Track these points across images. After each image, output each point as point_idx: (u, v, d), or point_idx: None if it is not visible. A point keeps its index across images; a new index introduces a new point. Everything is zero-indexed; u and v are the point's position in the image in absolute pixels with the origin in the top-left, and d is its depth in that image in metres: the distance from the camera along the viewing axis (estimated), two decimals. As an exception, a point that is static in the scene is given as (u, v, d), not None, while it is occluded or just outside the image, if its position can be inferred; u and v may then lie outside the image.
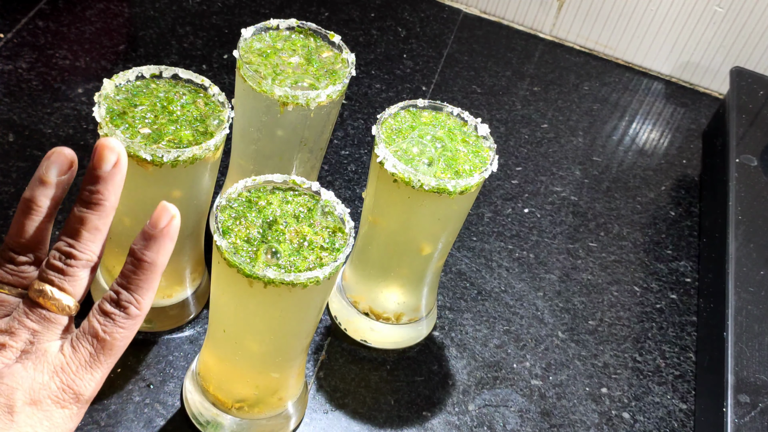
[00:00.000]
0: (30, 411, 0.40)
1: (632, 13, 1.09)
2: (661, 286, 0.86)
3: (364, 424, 0.68)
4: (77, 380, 0.41)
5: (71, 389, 0.41)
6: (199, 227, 0.66)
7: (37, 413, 0.40)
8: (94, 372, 0.42)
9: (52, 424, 0.41)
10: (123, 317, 0.42)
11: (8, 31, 0.92)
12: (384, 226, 0.66)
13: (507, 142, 0.97)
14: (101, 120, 0.57)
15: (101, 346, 0.42)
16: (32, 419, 0.40)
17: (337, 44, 0.69)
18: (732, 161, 0.88)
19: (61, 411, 0.41)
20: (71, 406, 0.41)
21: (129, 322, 0.43)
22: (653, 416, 0.74)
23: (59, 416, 0.41)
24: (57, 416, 0.41)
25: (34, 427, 0.40)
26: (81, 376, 0.41)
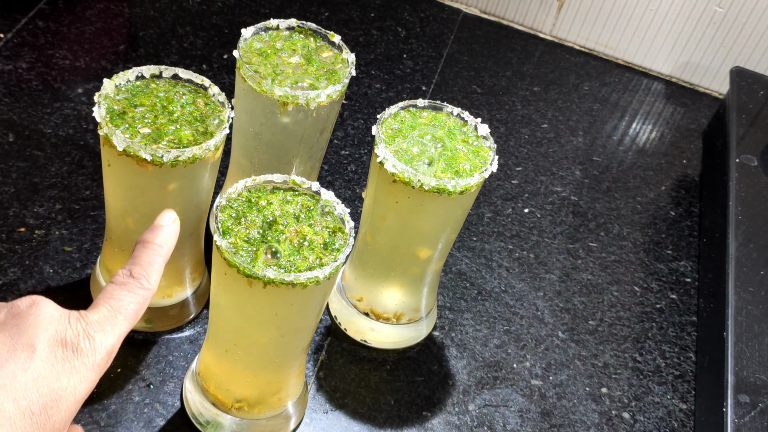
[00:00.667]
0: (51, 351, 0.41)
1: (632, 13, 1.09)
2: (661, 286, 0.86)
3: (364, 424, 0.68)
4: (98, 329, 0.43)
5: (92, 336, 0.42)
6: (199, 227, 0.66)
7: (58, 353, 0.41)
8: (113, 327, 0.43)
9: (72, 367, 0.41)
10: (137, 286, 0.45)
11: (8, 31, 0.92)
12: (384, 226, 0.66)
13: (507, 142, 0.97)
14: (101, 120, 0.57)
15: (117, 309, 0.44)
16: (52, 359, 0.40)
17: (337, 44, 0.69)
18: (732, 161, 0.88)
19: (83, 357, 0.42)
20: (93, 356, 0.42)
21: (141, 291, 0.45)
22: (653, 416, 0.74)
23: (80, 363, 0.41)
24: (78, 362, 0.41)
25: (54, 366, 0.40)
26: (101, 326, 0.43)
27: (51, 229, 0.74)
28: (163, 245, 0.48)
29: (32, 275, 0.70)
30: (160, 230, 0.48)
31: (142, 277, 0.46)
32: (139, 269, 0.46)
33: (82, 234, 0.74)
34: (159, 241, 0.48)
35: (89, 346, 0.42)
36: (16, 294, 0.68)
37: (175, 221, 0.49)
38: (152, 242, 0.48)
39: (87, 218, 0.76)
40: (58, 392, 0.40)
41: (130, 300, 0.45)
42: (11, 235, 0.73)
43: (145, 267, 0.46)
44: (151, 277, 0.46)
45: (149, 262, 0.47)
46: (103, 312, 0.44)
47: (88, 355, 0.42)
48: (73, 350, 0.41)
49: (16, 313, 0.42)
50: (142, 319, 0.68)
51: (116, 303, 0.44)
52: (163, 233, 0.48)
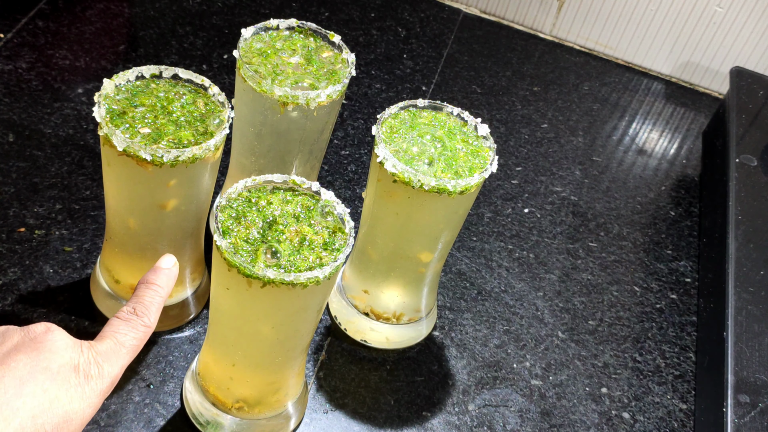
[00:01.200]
0: (66, 376, 0.44)
1: (632, 13, 1.09)
2: (661, 286, 0.86)
3: (364, 424, 0.68)
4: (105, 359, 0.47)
5: (101, 365, 0.46)
6: (199, 227, 0.66)
7: (72, 379, 0.45)
8: (117, 359, 0.48)
9: (83, 392, 0.45)
10: (139, 323, 0.50)
11: (8, 31, 0.92)
12: (384, 226, 0.66)
13: (507, 142, 0.97)
14: (101, 120, 0.57)
15: (121, 343, 0.49)
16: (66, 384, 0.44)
17: (337, 44, 0.69)
18: (732, 161, 0.88)
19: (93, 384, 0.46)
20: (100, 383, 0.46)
21: (142, 328, 0.50)
22: (653, 416, 0.74)
23: (90, 389, 0.45)
24: (88, 388, 0.45)
25: (68, 390, 0.44)
26: (108, 357, 0.47)
27: (51, 229, 0.74)
28: (164, 287, 0.53)
29: (32, 275, 0.70)
30: (161, 272, 0.53)
31: (144, 315, 0.50)
32: (142, 308, 0.51)
33: (82, 234, 0.74)
34: (160, 282, 0.53)
35: (98, 374, 0.46)
36: (16, 294, 0.69)
37: (175, 265, 0.54)
38: (154, 283, 0.52)
39: (87, 218, 0.76)
40: (69, 414, 0.44)
41: (133, 336, 0.49)
42: (11, 235, 0.73)
43: (147, 306, 0.51)
44: (151, 315, 0.51)
45: (150, 301, 0.51)
46: (109, 344, 0.48)
47: (97, 382, 0.46)
48: (85, 377, 0.45)
49: (32, 337, 0.45)
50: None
51: (121, 337, 0.49)
52: (164, 275, 0.53)
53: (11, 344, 0.45)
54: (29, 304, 0.68)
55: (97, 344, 0.47)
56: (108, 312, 0.69)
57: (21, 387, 0.42)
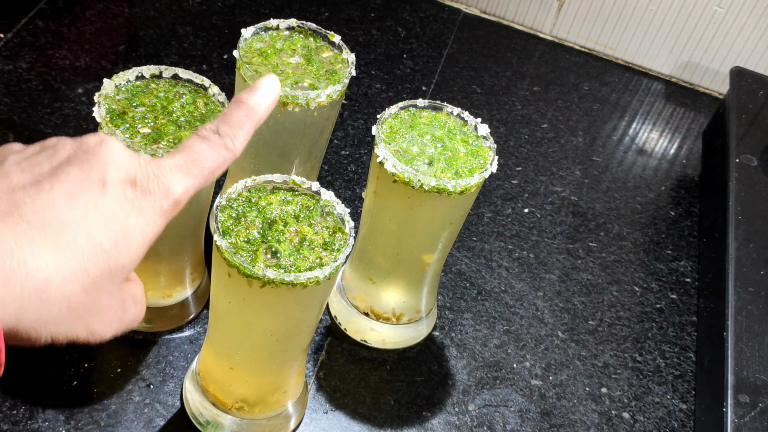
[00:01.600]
0: (122, 189, 0.40)
1: (632, 13, 1.09)
2: (661, 286, 0.86)
3: (364, 424, 0.68)
4: (169, 175, 0.41)
5: (162, 181, 0.41)
6: (199, 227, 0.66)
7: (128, 193, 0.40)
8: (184, 177, 0.42)
9: (140, 207, 0.40)
10: (220, 144, 0.43)
11: (8, 31, 0.92)
12: (384, 226, 0.66)
13: (507, 142, 0.97)
14: (101, 120, 0.57)
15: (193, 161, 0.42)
16: (122, 198, 0.40)
17: (337, 44, 0.69)
18: (732, 161, 0.88)
19: (151, 200, 0.41)
20: (161, 200, 0.41)
21: (223, 151, 0.43)
22: (653, 416, 0.74)
23: (148, 205, 0.40)
24: (146, 204, 0.40)
25: (124, 205, 0.40)
26: (173, 173, 0.41)
27: (51, 229, 0.74)
28: (258, 108, 0.45)
29: (32, 275, 0.70)
30: (259, 92, 0.45)
31: (228, 136, 0.43)
32: (227, 128, 0.43)
33: (82, 234, 0.74)
34: (254, 102, 0.45)
35: (158, 189, 0.41)
36: (16, 294, 0.68)
37: (277, 87, 0.46)
38: (247, 103, 0.45)
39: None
40: (127, 230, 0.40)
41: (209, 155, 0.43)
42: (11, 235, 0.72)
43: (233, 127, 0.44)
44: (237, 138, 0.43)
45: (239, 123, 0.44)
46: (178, 160, 0.42)
47: (156, 198, 0.41)
48: (143, 191, 0.40)
49: (85, 149, 0.41)
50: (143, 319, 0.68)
51: (194, 155, 0.42)
52: (261, 96, 0.45)
53: (62, 156, 0.40)
54: (29, 304, 0.68)
55: (162, 160, 0.41)
56: (108, 312, 0.69)
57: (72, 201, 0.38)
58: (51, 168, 0.40)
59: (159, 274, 0.66)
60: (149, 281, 0.67)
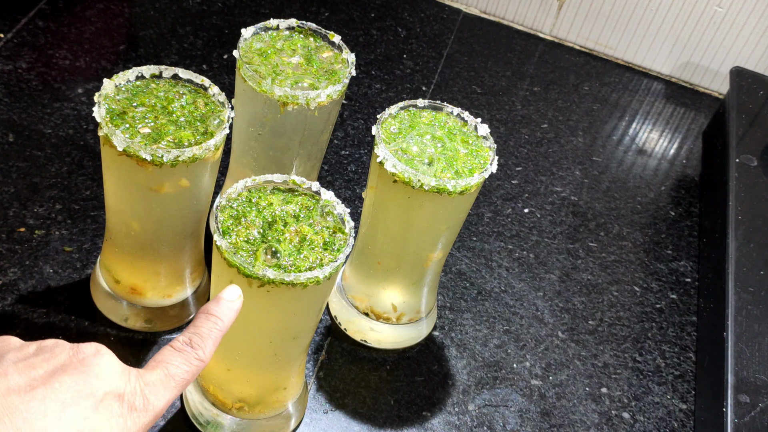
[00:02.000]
0: (109, 404, 0.42)
1: (632, 13, 1.09)
2: (661, 286, 0.86)
3: (364, 424, 0.68)
4: (153, 391, 0.45)
5: (147, 397, 0.44)
6: (199, 227, 0.66)
7: (115, 408, 0.43)
8: (165, 391, 0.45)
9: (124, 424, 0.43)
10: (193, 356, 0.47)
11: (8, 31, 0.92)
12: (384, 226, 0.66)
13: (507, 142, 0.97)
14: (101, 120, 0.57)
15: (172, 375, 0.46)
16: (109, 413, 0.42)
17: (337, 44, 0.69)
18: (732, 161, 0.88)
19: (135, 416, 0.43)
20: (142, 415, 0.44)
21: (195, 362, 0.47)
22: (653, 416, 0.74)
23: (132, 422, 0.43)
24: (130, 421, 0.43)
25: (110, 420, 0.42)
26: (156, 389, 0.45)
27: (51, 229, 0.74)
28: (224, 319, 0.49)
29: (32, 275, 0.70)
30: (223, 304, 0.50)
31: (199, 348, 0.48)
32: (198, 339, 0.48)
33: (82, 234, 0.74)
34: (220, 314, 0.49)
35: (143, 406, 0.44)
36: (16, 294, 0.69)
37: (239, 298, 0.51)
38: (214, 315, 0.49)
39: (87, 218, 0.76)
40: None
41: (185, 369, 0.46)
42: (11, 235, 0.73)
43: (203, 338, 0.48)
44: (207, 349, 0.48)
45: (208, 333, 0.48)
46: (159, 375, 0.45)
47: (140, 415, 0.44)
48: (129, 407, 0.43)
49: (81, 359, 0.44)
50: (142, 319, 0.68)
51: (173, 369, 0.46)
52: (226, 308, 0.50)
53: (58, 363, 0.43)
54: (29, 304, 0.68)
55: (146, 374, 0.45)
56: (108, 312, 0.69)
57: (62, 411, 0.41)
58: (46, 373, 0.42)
59: (159, 274, 0.66)
60: (149, 281, 0.67)
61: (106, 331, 0.68)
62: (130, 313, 0.68)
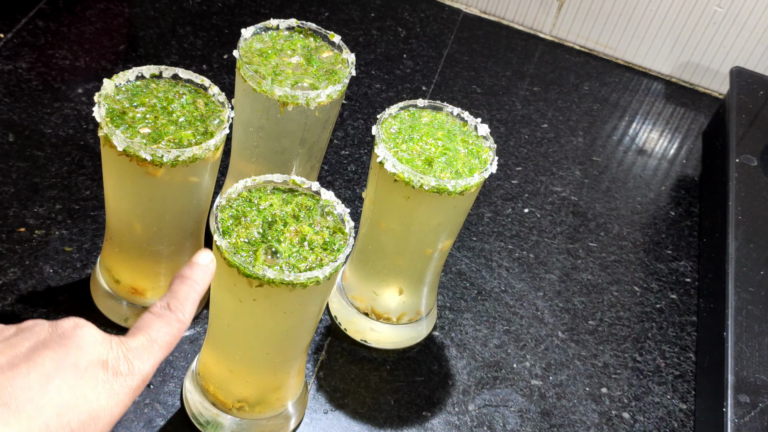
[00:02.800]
0: (94, 372, 0.43)
1: (632, 13, 1.09)
2: (661, 286, 0.86)
3: (364, 424, 0.68)
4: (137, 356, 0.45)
5: (131, 362, 0.44)
6: (199, 227, 0.66)
7: (100, 375, 0.43)
8: (149, 356, 0.45)
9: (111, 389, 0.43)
10: (173, 318, 0.47)
11: (8, 31, 0.92)
12: (384, 226, 0.66)
13: (507, 142, 0.97)
14: (101, 120, 0.57)
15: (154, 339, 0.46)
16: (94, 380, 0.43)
17: (337, 44, 0.69)
18: (732, 161, 0.88)
19: (122, 381, 0.44)
20: (129, 380, 0.44)
21: (176, 324, 0.47)
22: (653, 416, 0.74)
23: (119, 386, 0.43)
24: (117, 386, 0.43)
25: (95, 387, 0.43)
26: (139, 354, 0.45)
27: (51, 229, 0.74)
28: (200, 282, 0.50)
29: (32, 275, 0.70)
30: (198, 267, 0.50)
31: (179, 310, 0.48)
32: (176, 303, 0.48)
33: (82, 234, 0.74)
34: (195, 277, 0.50)
35: (128, 370, 0.44)
36: (16, 294, 0.69)
37: (212, 262, 0.51)
38: (190, 278, 0.49)
39: (87, 218, 0.76)
40: (97, 411, 0.43)
41: (166, 331, 0.47)
42: (11, 235, 0.73)
43: (181, 301, 0.48)
44: (186, 311, 0.48)
45: (185, 296, 0.48)
46: (141, 340, 0.46)
47: (126, 379, 0.44)
48: (114, 373, 0.44)
49: (61, 333, 0.44)
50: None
51: (154, 333, 0.46)
52: (200, 270, 0.50)
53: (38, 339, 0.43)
54: (29, 304, 0.68)
55: (128, 340, 0.45)
56: (108, 312, 0.69)
57: (46, 383, 0.41)
58: (27, 350, 0.43)
59: (159, 274, 0.66)
60: (149, 281, 0.67)
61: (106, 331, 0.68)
62: (130, 313, 0.68)
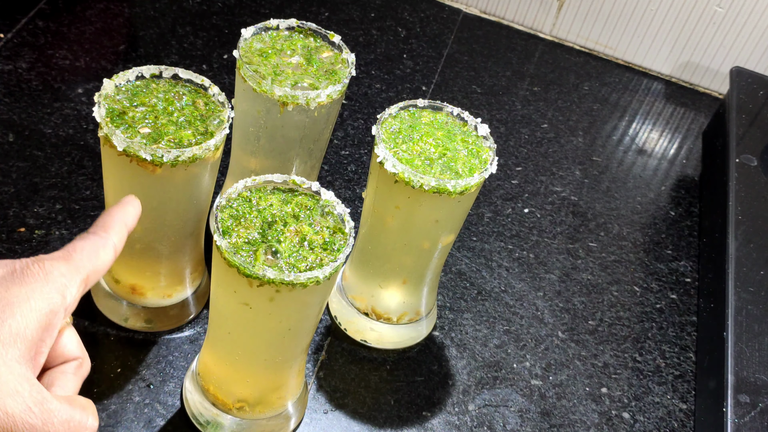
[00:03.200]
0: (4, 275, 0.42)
1: (632, 13, 1.09)
2: (661, 286, 0.86)
3: (364, 424, 0.68)
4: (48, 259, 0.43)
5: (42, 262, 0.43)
6: (199, 227, 0.66)
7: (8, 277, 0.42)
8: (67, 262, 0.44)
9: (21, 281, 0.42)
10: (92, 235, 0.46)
11: (8, 31, 0.92)
12: (384, 225, 0.66)
13: (507, 142, 0.97)
14: (101, 120, 0.57)
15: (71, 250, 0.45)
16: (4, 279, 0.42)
17: (337, 44, 0.69)
18: (732, 161, 0.88)
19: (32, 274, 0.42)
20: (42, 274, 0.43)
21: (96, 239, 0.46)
22: (653, 416, 0.74)
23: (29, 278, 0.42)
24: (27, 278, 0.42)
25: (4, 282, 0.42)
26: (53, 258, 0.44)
27: (51, 229, 0.74)
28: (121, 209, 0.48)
29: (32, 275, 0.70)
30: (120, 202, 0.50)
31: (99, 231, 0.47)
32: (95, 227, 0.47)
33: (82, 234, 0.74)
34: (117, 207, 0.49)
35: (39, 268, 0.43)
36: (16, 294, 0.68)
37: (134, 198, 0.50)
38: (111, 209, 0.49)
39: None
40: (8, 299, 0.41)
41: (84, 243, 0.45)
42: (11, 235, 0.73)
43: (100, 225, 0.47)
44: (108, 229, 0.47)
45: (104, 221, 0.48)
46: (57, 254, 0.45)
47: (39, 273, 0.43)
48: (22, 272, 0.42)
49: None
50: (142, 319, 0.68)
51: (71, 246, 0.45)
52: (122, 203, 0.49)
53: None
54: (29, 304, 0.68)
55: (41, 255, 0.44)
56: (108, 312, 0.69)
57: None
58: None
59: (159, 274, 0.66)
60: (149, 281, 0.67)
61: (106, 331, 0.68)
62: (130, 313, 0.68)
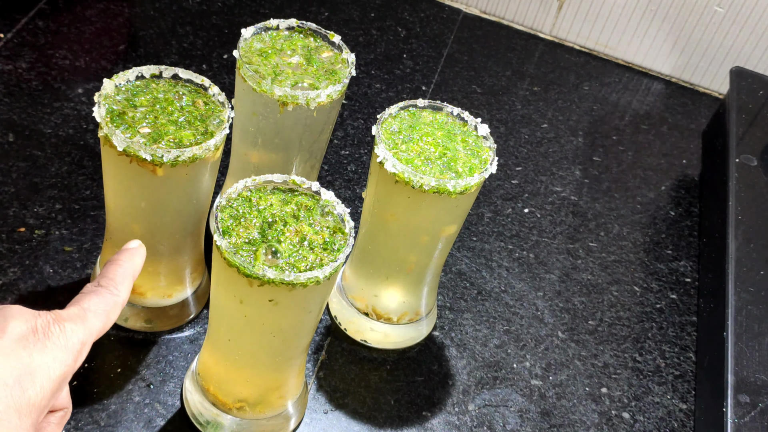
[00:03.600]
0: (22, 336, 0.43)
1: (632, 13, 1.09)
2: (661, 286, 0.86)
3: (364, 424, 0.68)
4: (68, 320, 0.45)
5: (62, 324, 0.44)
6: (199, 227, 0.66)
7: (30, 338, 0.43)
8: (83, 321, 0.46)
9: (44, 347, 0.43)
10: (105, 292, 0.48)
11: (8, 31, 0.92)
12: (384, 225, 0.66)
13: (507, 142, 0.97)
14: (101, 120, 0.57)
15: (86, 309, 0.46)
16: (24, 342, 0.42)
17: (337, 44, 0.69)
18: (732, 161, 0.88)
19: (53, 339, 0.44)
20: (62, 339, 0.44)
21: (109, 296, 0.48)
22: (653, 416, 0.74)
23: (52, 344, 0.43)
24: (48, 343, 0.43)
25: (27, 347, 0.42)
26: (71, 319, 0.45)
27: (51, 229, 0.74)
28: (130, 261, 0.51)
29: (32, 275, 0.70)
30: (126, 251, 0.52)
31: (111, 285, 0.48)
32: (106, 280, 0.49)
33: (82, 234, 0.74)
34: (125, 257, 0.51)
35: (59, 331, 0.44)
36: (16, 294, 0.69)
37: (140, 246, 0.52)
38: (119, 259, 0.51)
39: (87, 218, 0.76)
40: (31, 367, 0.42)
41: (98, 301, 0.47)
42: (11, 235, 0.73)
43: (111, 278, 0.49)
44: (119, 285, 0.49)
45: (115, 274, 0.49)
46: (72, 310, 0.46)
47: (60, 338, 0.44)
48: (44, 334, 0.43)
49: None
50: (142, 319, 0.68)
51: (85, 303, 0.47)
52: (129, 253, 0.52)
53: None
54: (29, 304, 0.68)
55: (58, 311, 0.46)
56: (108, 312, 0.69)
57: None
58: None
59: (159, 274, 0.66)
60: (149, 281, 0.67)
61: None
62: (130, 313, 0.68)
